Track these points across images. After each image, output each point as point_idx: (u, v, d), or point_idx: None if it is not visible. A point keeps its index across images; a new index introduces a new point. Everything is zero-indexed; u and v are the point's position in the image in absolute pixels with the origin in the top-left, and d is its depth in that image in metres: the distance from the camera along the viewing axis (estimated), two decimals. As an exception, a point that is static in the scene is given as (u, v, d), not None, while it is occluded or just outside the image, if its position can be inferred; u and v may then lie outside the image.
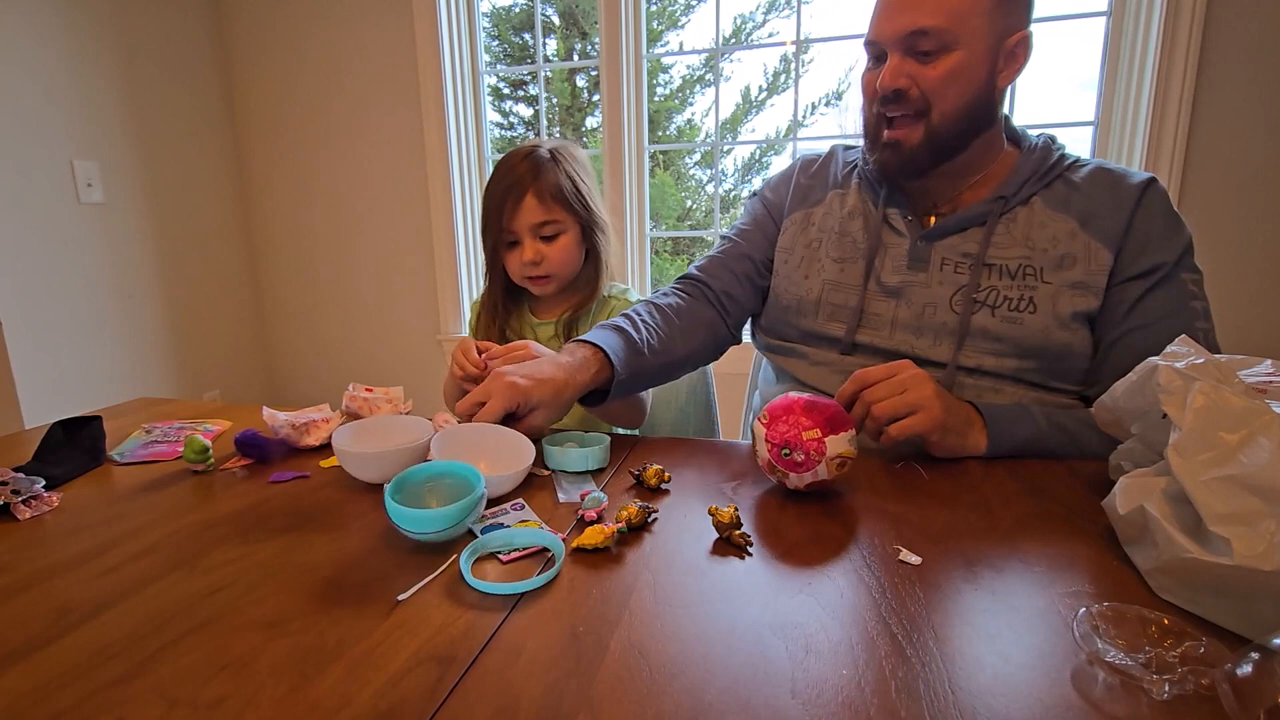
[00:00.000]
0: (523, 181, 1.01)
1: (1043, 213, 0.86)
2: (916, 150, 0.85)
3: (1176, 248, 0.83)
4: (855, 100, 0.93)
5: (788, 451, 0.66)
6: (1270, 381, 0.58)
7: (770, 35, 2.59)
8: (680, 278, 1.08)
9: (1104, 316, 0.84)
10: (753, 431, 0.71)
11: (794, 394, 0.70)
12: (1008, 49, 0.82)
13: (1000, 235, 0.86)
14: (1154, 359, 0.59)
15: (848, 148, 1.05)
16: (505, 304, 1.12)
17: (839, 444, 0.65)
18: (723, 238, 1.10)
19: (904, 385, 0.73)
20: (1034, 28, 0.86)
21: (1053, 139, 0.92)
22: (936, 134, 0.84)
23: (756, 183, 1.86)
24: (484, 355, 0.89)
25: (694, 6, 2.73)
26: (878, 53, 0.85)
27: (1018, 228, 0.86)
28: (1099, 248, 0.84)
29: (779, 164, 2.94)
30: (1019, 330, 0.84)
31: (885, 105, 0.84)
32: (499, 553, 0.59)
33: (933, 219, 0.92)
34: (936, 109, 0.82)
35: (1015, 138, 0.93)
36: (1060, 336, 0.83)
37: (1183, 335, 0.63)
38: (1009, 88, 0.86)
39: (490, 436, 0.78)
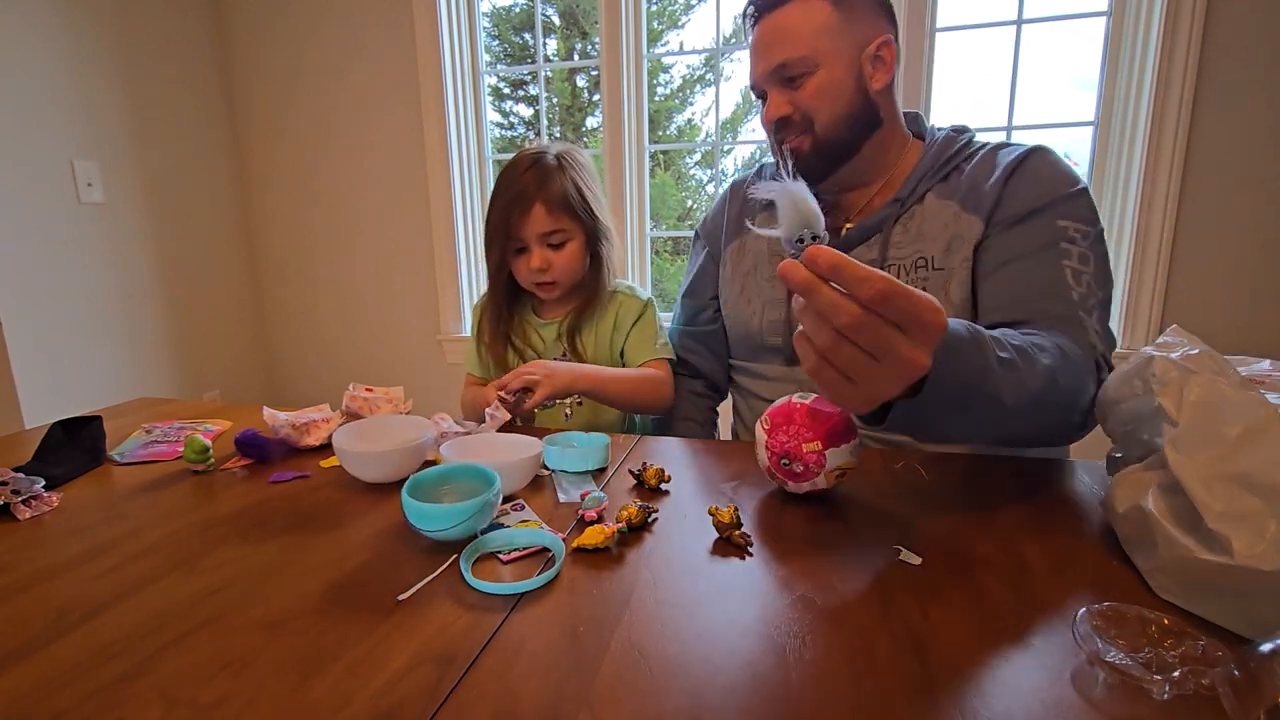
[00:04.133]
0: (529, 190, 1.02)
1: (933, 204, 0.90)
2: (810, 156, 0.91)
3: (1049, 194, 0.83)
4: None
5: (787, 462, 0.66)
6: (1270, 376, 0.58)
7: (770, 35, 2.58)
8: (681, 367, 1.14)
9: (977, 269, 0.86)
10: (754, 433, 0.71)
11: (797, 399, 0.70)
12: (870, 56, 0.88)
13: (898, 236, 0.90)
14: (1147, 349, 0.58)
15: (771, 169, 1.09)
16: (509, 307, 1.12)
17: (839, 456, 0.65)
18: (685, 295, 1.15)
19: (866, 367, 0.49)
20: (1035, 28, 0.88)
21: (961, 129, 0.95)
22: (823, 142, 0.90)
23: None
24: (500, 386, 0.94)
25: (694, 6, 2.73)
26: (760, 93, 0.94)
27: (914, 224, 0.90)
28: (973, 219, 0.86)
29: (779, 164, 2.93)
30: None
31: (779, 132, 0.93)
32: (499, 553, 0.59)
33: (844, 230, 0.96)
34: (818, 121, 0.90)
35: (921, 133, 0.97)
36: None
37: (1174, 326, 0.62)
38: (888, 88, 0.91)
39: (497, 442, 0.79)
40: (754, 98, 0.98)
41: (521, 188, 1.02)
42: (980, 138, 0.95)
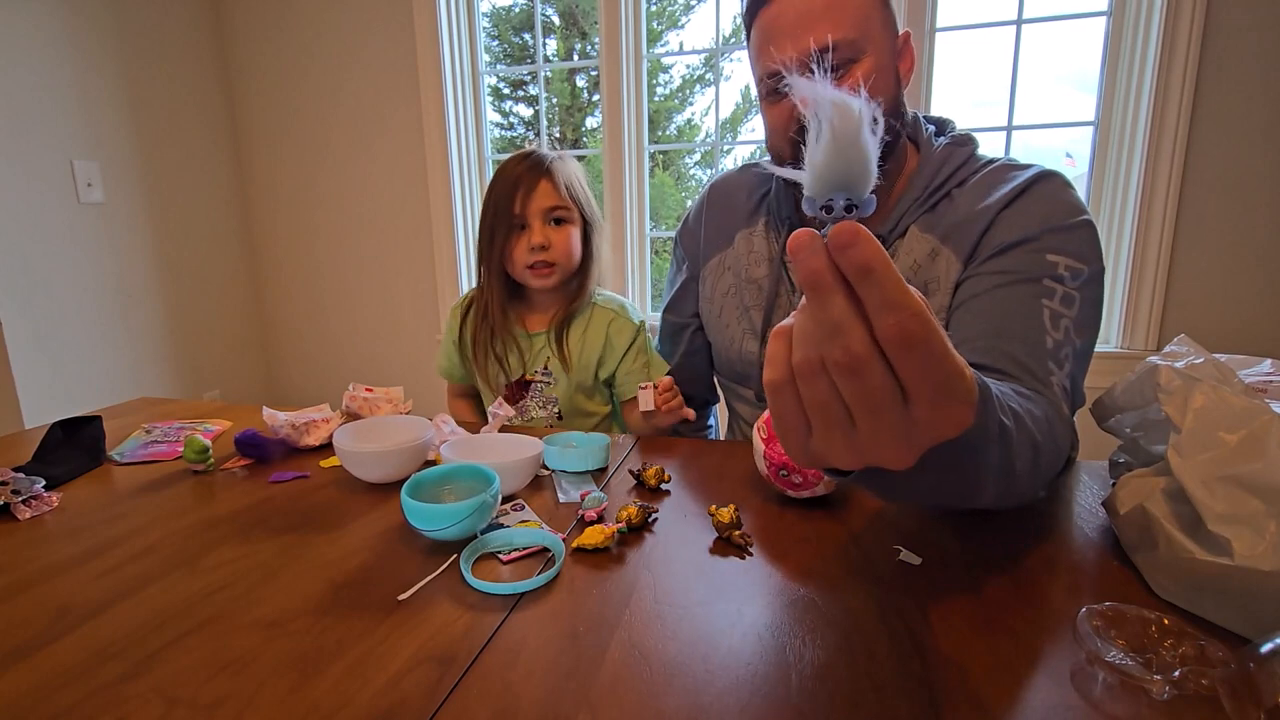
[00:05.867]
0: (536, 170, 1.02)
1: (913, 238, 0.80)
2: None
3: (1044, 223, 0.72)
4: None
5: (786, 473, 0.66)
6: (1270, 381, 0.58)
7: (770, 35, 2.58)
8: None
9: (951, 304, 0.76)
10: (752, 439, 0.71)
11: None
12: (898, 47, 0.79)
13: None
14: (1153, 359, 0.59)
15: (763, 170, 0.98)
16: (504, 307, 1.08)
17: None
18: (667, 311, 1.10)
19: (834, 424, 0.33)
20: (1035, 28, 0.85)
21: (963, 140, 0.83)
22: None
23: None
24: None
25: (694, 6, 2.73)
26: (781, 82, 0.77)
27: (895, 262, 0.79)
28: (951, 257, 0.76)
29: (779, 164, 2.92)
30: None
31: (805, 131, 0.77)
32: (499, 553, 0.59)
33: None
34: None
35: (917, 140, 0.85)
36: None
37: (1182, 335, 0.62)
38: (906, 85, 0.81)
39: (497, 442, 0.79)
40: (761, 92, 0.81)
41: (527, 167, 1.03)
42: (983, 151, 0.84)
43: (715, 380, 1.11)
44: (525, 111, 3.01)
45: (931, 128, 0.86)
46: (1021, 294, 0.70)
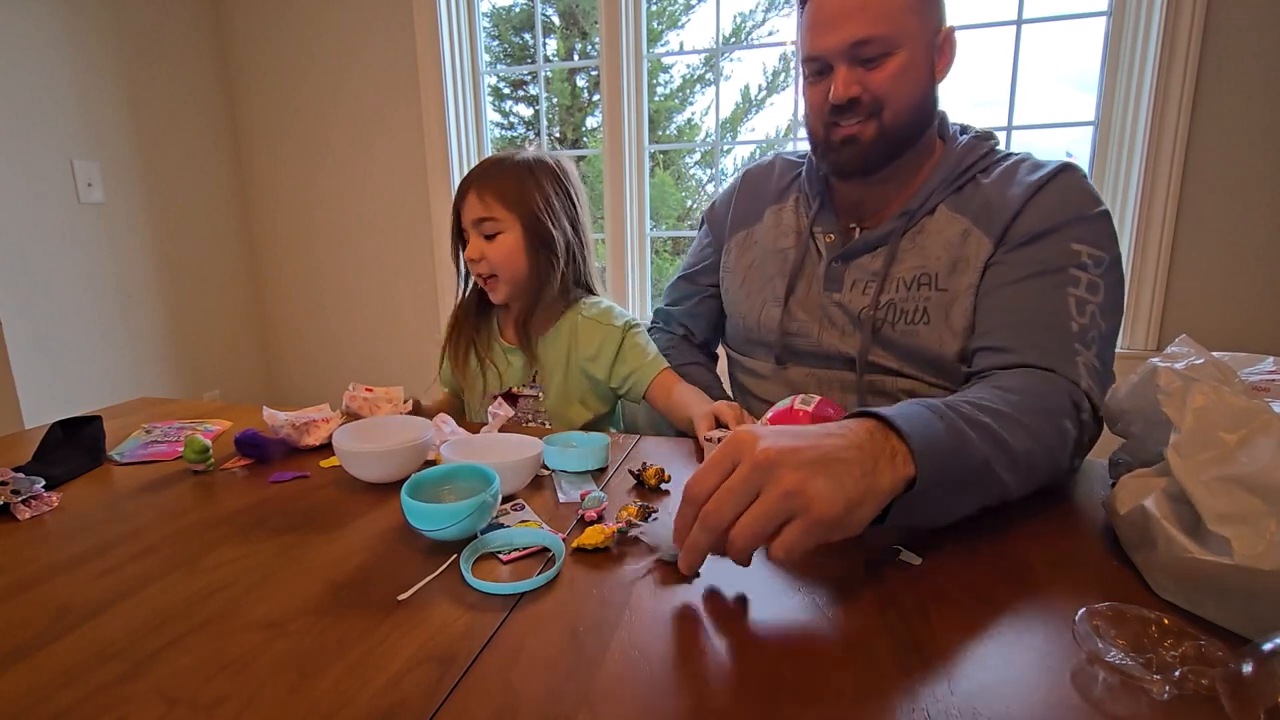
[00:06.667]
0: (470, 178, 1.02)
1: (943, 217, 0.85)
2: (873, 144, 0.84)
3: (1066, 214, 0.78)
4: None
5: None
6: (1272, 379, 0.58)
7: (770, 34, 2.60)
8: (667, 328, 1.18)
9: (980, 287, 0.82)
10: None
11: (799, 404, 0.70)
12: (938, 44, 0.84)
13: (904, 250, 0.86)
14: (1154, 360, 0.59)
15: (790, 157, 1.06)
16: (475, 320, 1.10)
17: None
18: (682, 277, 1.15)
19: (754, 482, 0.47)
20: (1035, 28, 0.86)
21: (985, 136, 0.90)
22: (889, 131, 0.83)
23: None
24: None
25: (694, 6, 2.74)
26: (820, 67, 0.84)
27: (921, 237, 0.86)
28: (983, 238, 0.81)
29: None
30: (915, 341, 0.84)
31: (839, 115, 0.84)
32: (499, 553, 0.59)
33: (858, 232, 0.92)
34: (889, 109, 0.82)
35: (943, 133, 0.92)
36: (955, 347, 0.82)
37: (1183, 335, 0.62)
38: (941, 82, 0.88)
39: (497, 442, 0.79)
40: (805, 71, 0.87)
41: (470, 175, 1.02)
42: (1004, 147, 0.90)
43: (723, 348, 1.15)
44: (525, 111, 3.01)
45: (957, 125, 0.93)
46: (1048, 284, 0.76)
